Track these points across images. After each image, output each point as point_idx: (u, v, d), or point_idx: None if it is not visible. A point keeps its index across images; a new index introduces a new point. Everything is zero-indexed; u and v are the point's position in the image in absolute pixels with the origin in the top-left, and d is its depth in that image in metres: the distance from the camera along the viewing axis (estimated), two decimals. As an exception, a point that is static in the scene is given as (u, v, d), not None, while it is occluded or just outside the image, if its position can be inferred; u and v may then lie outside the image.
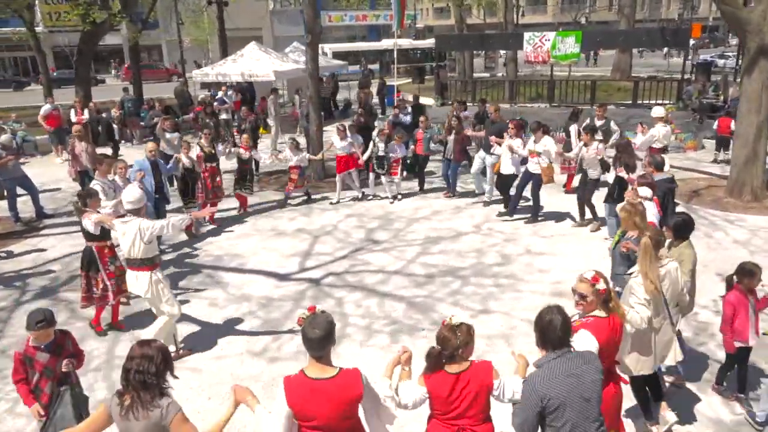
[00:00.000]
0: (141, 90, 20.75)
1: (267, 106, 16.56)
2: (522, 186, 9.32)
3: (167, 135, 10.96)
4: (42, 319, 3.88)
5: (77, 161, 10.34)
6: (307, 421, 2.93)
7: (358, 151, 10.71)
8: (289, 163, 10.51)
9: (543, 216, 9.56)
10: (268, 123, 16.48)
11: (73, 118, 14.61)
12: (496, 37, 23.09)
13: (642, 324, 3.93)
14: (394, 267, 7.91)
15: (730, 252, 7.89)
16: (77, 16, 16.09)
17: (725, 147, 12.79)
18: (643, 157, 8.21)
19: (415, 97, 15.07)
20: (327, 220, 9.97)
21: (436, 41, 24.23)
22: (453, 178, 10.81)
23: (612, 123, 10.89)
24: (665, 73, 28.31)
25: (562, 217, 9.61)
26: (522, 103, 21.64)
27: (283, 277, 7.71)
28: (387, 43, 36.20)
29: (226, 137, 13.98)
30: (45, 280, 7.81)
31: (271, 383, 5.20)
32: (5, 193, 10.36)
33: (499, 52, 34.65)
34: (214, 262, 8.27)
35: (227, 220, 9.96)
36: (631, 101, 20.27)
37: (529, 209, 9.52)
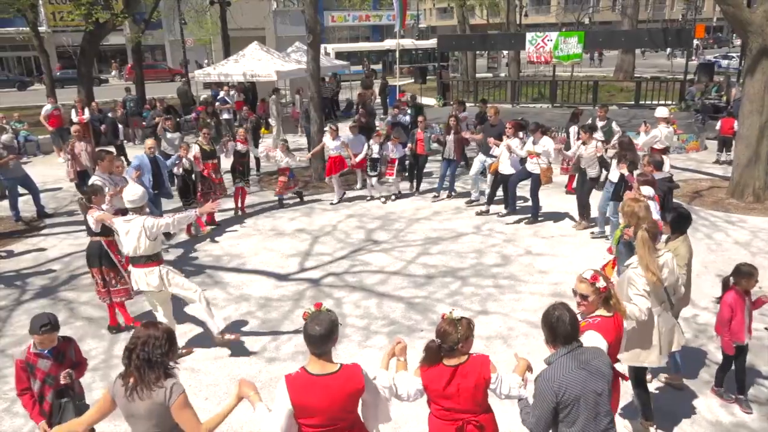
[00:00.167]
0: (143, 90, 20.79)
1: (268, 107, 16.58)
2: (515, 183, 9.29)
3: (168, 135, 10.99)
4: (47, 323, 3.75)
5: (77, 161, 10.36)
6: (308, 419, 2.91)
7: (349, 152, 10.69)
8: (279, 165, 10.41)
9: (543, 217, 9.54)
10: (270, 123, 16.50)
11: (74, 118, 14.63)
12: (498, 38, 22.99)
13: (642, 316, 3.89)
14: (394, 267, 7.90)
15: (731, 253, 7.86)
16: (80, 15, 16.12)
17: (728, 148, 12.74)
18: (643, 157, 8.18)
19: (413, 97, 14.95)
20: (327, 220, 9.97)
21: (437, 41, 24.17)
22: (452, 178, 10.79)
23: (614, 124, 10.84)
24: (668, 73, 28.23)
25: (563, 218, 9.59)
26: (524, 103, 21.60)
27: (283, 277, 7.72)
28: (390, 43, 36.23)
29: (228, 137, 13.99)
30: (45, 279, 7.83)
31: (268, 383, 5.20)
32: (6, 192, 10.40)
33: (502, 52, 34.59)
34: (213, 262, 8.28)
35: (228, 221, 9.97)
36: (633, 102, 20.20)
37: (529, 209, 9.50)
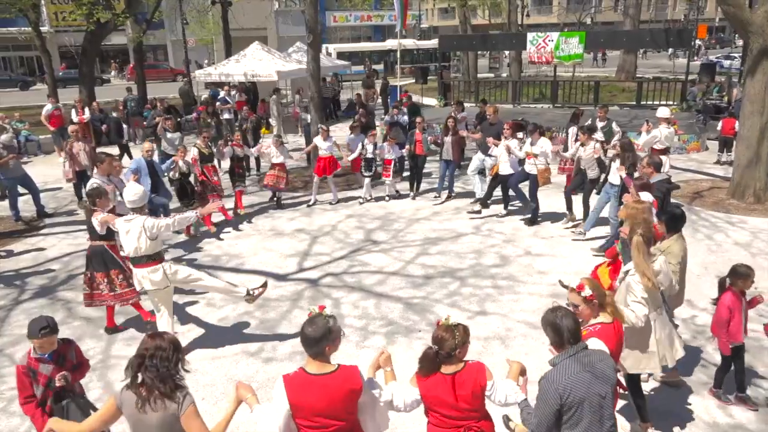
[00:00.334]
0: (145, 90, 20.80)
1: (268, 107, 16.57)
2: (515, 183, 9.29)
3: (168, 135, 10.98)
4: (45, 326, 3.70)
5: (75, 161, 10.36)
6: (307, 419, 2.91)
7: (342, 152, 10.67)
8: (273, 160, 10.41)
9: (542, 217, 9.52)
10: (270, 123, 16.50)
11: (74, 118, 14.64)
12: (499, 38, 22.95)
13: (638, 322, 3.88)
14: (393, 268, 7.89)
15: (731, 254, 7.82)
16: (81, 15, 16.15)
17: (728, 148, 12.70)
18: (643, 158, 8.16)
19: (408, 97, 14.85)
20: (326, 220, 9.97)
21: (439, 41, 24.16)
22: (451, 179, 10.78)
23: (614, 124, 10.81)
24: (670, 73, 28.17)
25: (562, 219, 9.55)
26: (525, 103, 21.58)
27: (281, 277, 7.71)
28: (391, 43, 36.21)
29: (229, 137, 13.98)
30: (44, 279, 7.84)
31: (265, 383, 5.20)
32: (6, 192, 10.40)
33: (503, 52, 34.55)
34: (212, 262, 8.28)
35: (227, 221, 9.95)
36: (635, 102, 20.16)
37: (525, 210, 9.47)
